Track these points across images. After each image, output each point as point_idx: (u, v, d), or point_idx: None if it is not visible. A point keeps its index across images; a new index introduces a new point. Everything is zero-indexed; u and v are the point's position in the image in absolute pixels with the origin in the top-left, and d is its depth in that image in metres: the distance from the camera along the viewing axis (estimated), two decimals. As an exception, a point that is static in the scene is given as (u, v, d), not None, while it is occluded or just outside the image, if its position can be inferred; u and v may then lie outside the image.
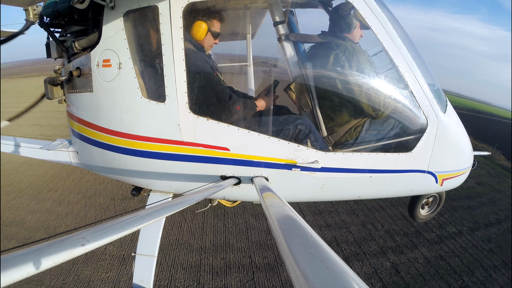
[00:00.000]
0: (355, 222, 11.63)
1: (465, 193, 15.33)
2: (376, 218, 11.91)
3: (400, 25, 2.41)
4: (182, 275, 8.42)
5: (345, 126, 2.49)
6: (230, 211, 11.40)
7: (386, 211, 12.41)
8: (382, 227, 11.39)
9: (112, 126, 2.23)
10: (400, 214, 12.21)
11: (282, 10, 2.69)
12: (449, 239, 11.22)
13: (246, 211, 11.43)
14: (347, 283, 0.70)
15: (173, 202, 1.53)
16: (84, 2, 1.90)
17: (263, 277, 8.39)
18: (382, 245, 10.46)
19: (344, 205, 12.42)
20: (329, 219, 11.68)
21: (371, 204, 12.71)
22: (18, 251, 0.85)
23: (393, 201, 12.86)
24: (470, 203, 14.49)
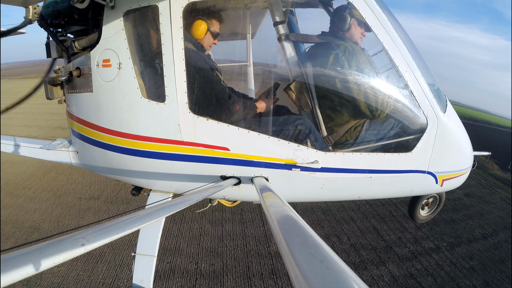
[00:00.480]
0: (319, 233, 11.23)
1: (450, 205, 14.56)
2: (343, 230, 11.23)
3: (401, 25, 2.41)
4: (126, 276, 8.42)
5: (345, 126, 2.49)
6: (188, 216, 11.28)
7: (356, 223, 11.75)
8: (348, 240, 10.71)
9: (112, 126, 2.23)
10: (372, 227, 11.53)
11: (282, 10, 2.69)
12: (423, 256, 10.41)
13: (204, 218, 11.30)
14: (347, 283, 0.70)
15: (173, 202, 1.53)
16: (84, 1, 1.90)
17: (206, 285, 8.25)
18: (343, 259, 9.92)
19: (310, 215, 11.86)
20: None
21: (340, 215, 12.11)
22: (18, 251, 0.85)
23: (366, 213, 12.40)
24: (455, 216, 13.80)
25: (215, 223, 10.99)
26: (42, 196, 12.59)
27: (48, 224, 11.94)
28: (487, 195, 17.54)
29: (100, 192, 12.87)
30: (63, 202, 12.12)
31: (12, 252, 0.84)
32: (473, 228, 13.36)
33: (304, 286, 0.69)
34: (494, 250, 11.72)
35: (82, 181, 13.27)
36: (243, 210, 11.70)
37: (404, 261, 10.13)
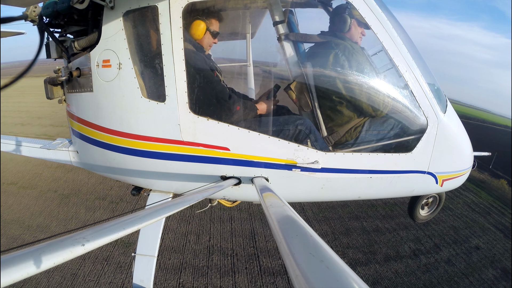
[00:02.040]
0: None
1: (384, 211, 13.59)
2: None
3: (400, 24, 2.41)
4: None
5: (345, 126, 2.49)
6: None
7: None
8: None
9: (112, 126, 2.23)
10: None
11: (282, 10, 2.69)
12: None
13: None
14: (347, 283, 0.70)
15: (173, 202, 1.53)
16: (84, 2, 1.90)
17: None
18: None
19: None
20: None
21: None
22: (18, 251, 0.85)
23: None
24: (383, 225, 12.58)
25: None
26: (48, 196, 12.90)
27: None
28: (447, 198, 16.01)
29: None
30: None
31: (12, 252, 0.84)
32: (403, 241, 11.82)
33: (304, 286, 0.69)
34: (421, 274, 10.24)
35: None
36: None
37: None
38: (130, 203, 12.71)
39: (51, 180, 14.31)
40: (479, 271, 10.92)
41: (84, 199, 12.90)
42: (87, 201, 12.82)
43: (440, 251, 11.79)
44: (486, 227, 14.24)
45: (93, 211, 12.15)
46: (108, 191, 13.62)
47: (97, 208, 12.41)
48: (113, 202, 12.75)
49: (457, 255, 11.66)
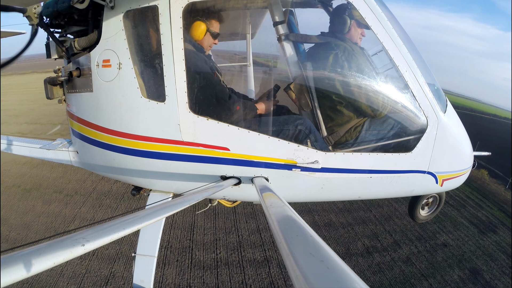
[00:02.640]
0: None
1: (342, 204, 13.03)
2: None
3: (400, 24, 2.41)
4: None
5: (345, 126, 2.49)
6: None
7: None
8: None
9: (112, 126, 2.23)
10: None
11: (282, 10, 2.69)
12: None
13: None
14: (347, 283, 0.70)
15: (173, 202, 1.53)
16: (84, 2, 1.90)
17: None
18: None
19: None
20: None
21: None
22: (18, 251, 0.85)
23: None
24: (338, 219, 12.06)
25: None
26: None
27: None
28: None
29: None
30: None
31: (12, 252, 0.84)
32: (357, 238, 11.22)
33: (305, 286, 0.69)
34: (371, 275, 9.52)
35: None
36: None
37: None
38: (84, 195, 13.26)
39: (17, 176, 14.89)
40: (442, 272, 10.06)
41: (43, 193, 13.60)
42: (45, 194, 13.48)
43: (399, 248, 10.93)
44: (458, 222, 13.50)
45: (49, 204, 12.74)
46: (66, 184, 14.24)
47: (53, 201, 13.00)
48: (68, 195, 13.36)
49: (419, 254, 10.80)
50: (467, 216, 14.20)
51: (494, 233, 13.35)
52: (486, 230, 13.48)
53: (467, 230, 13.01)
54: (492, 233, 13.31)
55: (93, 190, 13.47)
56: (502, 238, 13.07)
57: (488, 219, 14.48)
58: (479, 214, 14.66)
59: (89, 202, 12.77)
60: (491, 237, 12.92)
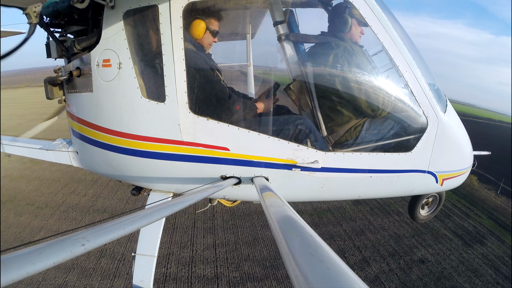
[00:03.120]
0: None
1: (306, 219, 12.66)
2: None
3: (400, 24, 2.41)
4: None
5: (345, 126, 2.49)
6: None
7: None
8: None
9: (112, 126, 2.23)
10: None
11: (282, 10, 2.69)
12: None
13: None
14: (347, 283, 0.70)
15: (173, 202, 1.53)
16: (84, 1, 1.89)
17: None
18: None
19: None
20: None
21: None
22: (18, 251, 0.85)
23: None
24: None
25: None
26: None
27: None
28: (398, 200, 13.60)
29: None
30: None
31: (13, 252, 0.84)
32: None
33: (304, 286, 0.69)
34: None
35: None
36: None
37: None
38: (53, 208, 13.75)
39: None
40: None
41: (16, 205, 14.18)
42: (18, 206, 14.05)
43: (367, 266, 9.91)
44: (441, 234, 12.37)
45: (20, 216, 13.24)
46: (38, 197, 14.77)
47: (25, 213, 13.51)
48: (39, 208, 13.90)
49: (390, 272, 9.72)
50: (452, 227, 13.19)
51: (481, 245, 12.41)
52: (473, 241, 12.53)
53: (450, 243, 11.96)
54: (479, 245, 12.35)
55: (62, 203, 13.76)
56: (490, 250, 12.10)
57: (475, 229, 13.54)
58: (465, 224, 13.71)
59: (57, 214, 13.25)
60: (477, 250, 11.93)
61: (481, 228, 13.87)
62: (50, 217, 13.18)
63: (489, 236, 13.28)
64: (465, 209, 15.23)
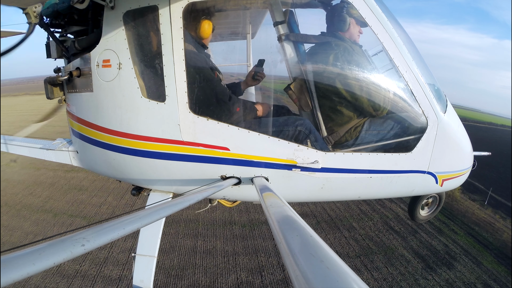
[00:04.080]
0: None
1: (235, 231, 11.39)
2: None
3: (400, 25, 2.41)
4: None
5: (345, 126, 2.49)
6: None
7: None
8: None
9: (112, 126, 2.23)
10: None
11: (282, 10, 2.69)
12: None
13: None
14: (347, 283, 0.70)
15: (173, 202, 1.53)
16: (84, 2, 1.89)
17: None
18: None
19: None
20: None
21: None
22: (18, 251, 0.85)
23: None
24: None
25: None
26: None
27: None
28: (356, 214, 12.11)
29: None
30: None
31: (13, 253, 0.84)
32: (236, 269, 9.40)
33: (304, 286, 0.69)
34: None
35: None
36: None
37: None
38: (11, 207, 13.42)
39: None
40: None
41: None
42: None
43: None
44: (397, 254, 10.15)
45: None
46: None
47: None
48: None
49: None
50: (414, 246, 10.95)
51: (448, 268, 9.92)
52: (438, 264, 10.26)
53: (405, 266, 9.81)
54: (445, 268, 9.91)
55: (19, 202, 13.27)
56: (459, 275, 9.62)
57: (445, 249, 11.23)
58: (433, 242, 11.47)
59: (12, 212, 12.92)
60: (440, 275, 9.60)
61: (454, 246, 11.44)
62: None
63: (462, 257, 10.83)
64: (439, 224, 12.76)
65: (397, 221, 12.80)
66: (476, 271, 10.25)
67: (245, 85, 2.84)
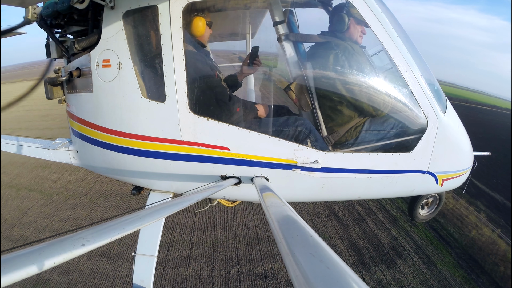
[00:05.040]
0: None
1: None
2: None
3: (400, 24, 2.41)
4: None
5: (345, 126, 2.49)
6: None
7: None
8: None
9: (112, 126, 2.23)
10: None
11: (282, 10, 2.69)
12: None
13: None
14: (347, 283, 0.70)
15: (173, 202, 1.53)
16: (84, 2, 1.90)
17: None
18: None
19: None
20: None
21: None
22: (18, 251, 0.85)
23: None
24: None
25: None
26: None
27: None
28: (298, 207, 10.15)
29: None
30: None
31: (13, 252, 0.84)
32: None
33: (304, 286, 0.69)
34: None
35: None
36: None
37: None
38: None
39: None
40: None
41: None
42: None
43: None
44: (328, 244, 7.71)
45: None
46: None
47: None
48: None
49: (221, 277, 7.58)
50: (354, 236, 9.31)
51: (387, 267, 8.29)
52: (375, 260, 8.59)
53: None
54: (383, 266, 8.39)
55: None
56: (398, 277, 8.12)
57: (393, 243, 9.40)
58: (380, 234, 9.54)
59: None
60: (373, 274, 8.40)
61: (404, 241, 9.33)
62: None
63: (411, 254, 8.79)
64: (396, 212, 10.85)
65: (344, 206, 10.98)
66: (423, 273, 8.44)
67: (241, 75, 2.82)
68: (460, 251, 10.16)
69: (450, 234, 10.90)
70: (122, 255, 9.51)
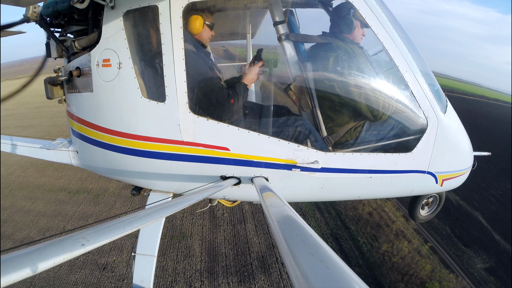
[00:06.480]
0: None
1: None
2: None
3: (400, 24, 2.41)
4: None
5: (345, 126, 2.49)
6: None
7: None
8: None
9: (112, 126, 2.23)
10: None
11: (282, 10, 2.68)
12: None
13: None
14: (347, 283, 0.70)
15: (173, 202, 1.53)
16: (84, 1, 1.90)
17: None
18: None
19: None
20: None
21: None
22: (18, 251, 0.85)
23: None
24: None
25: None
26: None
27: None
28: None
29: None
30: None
31: (12, 252, 0.84)
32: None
33: (304, 286, 0.69)
34: None
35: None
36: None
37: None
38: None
39: None
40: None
41: None
42: None
43: None
44: (182, 244, 7.05)
45: None
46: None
47: None
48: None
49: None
50: (219, 239, 7.92)
51: (241, 281, 6.72)
52: (229, 272, 7.18)
53: (176, 261, 7.22)
54: (236, 279, 6.75)
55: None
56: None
57: (266, 252, 7.63)
58: (255, 240, 7.97)
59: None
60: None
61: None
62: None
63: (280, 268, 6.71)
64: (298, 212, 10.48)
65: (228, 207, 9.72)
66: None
67: (247, 80, 2.54)
68: (365, 268, 8.31)
69: (358, 246, 8.68)
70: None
